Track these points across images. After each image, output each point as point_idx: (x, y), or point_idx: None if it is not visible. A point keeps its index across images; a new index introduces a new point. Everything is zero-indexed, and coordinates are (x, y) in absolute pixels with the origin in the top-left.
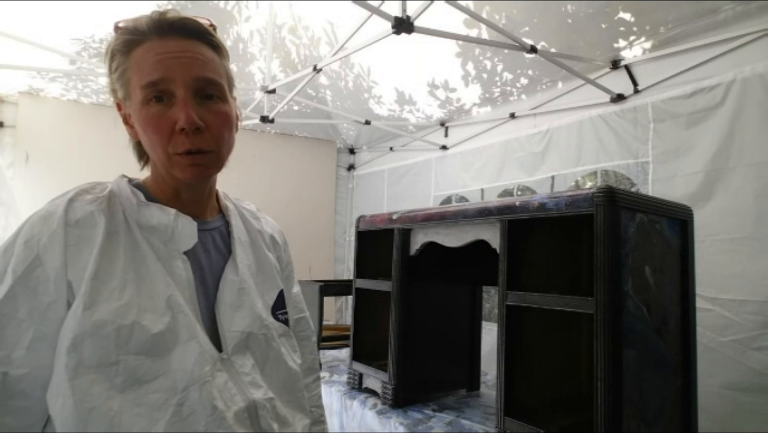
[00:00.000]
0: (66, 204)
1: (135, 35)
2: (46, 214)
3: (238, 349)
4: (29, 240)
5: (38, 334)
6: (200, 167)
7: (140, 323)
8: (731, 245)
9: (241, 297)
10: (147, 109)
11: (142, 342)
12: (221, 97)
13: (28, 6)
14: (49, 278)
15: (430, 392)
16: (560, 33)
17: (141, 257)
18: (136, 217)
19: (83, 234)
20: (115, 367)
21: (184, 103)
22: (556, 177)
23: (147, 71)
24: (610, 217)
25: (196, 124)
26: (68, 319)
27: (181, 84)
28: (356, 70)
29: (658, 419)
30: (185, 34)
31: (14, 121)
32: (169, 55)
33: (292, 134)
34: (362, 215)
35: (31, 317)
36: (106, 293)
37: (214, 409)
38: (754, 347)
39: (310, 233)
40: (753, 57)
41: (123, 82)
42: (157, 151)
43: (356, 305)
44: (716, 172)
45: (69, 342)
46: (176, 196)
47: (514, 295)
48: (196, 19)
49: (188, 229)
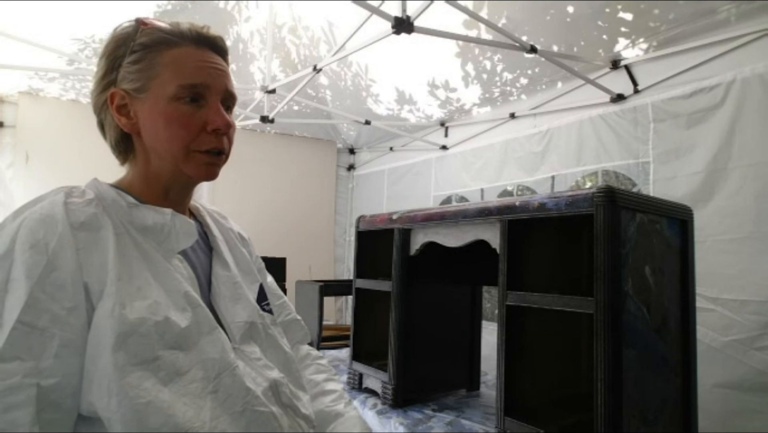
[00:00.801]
0: (63, 207)
1: (174, 36)
2: (43, 217)
3: (244, 338)
4: (35, 244)
5: (63, 341)
6: (215, 167)
7: (170, 318)
8: (732, 245)
9: (236, 290)
10: (176, 106)
11: (174, 337)
12: (232, 109)
13: (27, 6)
14: (66, 282)
15: (430, 392)
16: (560, 33)
17: (149, 258)
18: (128, 219)
19: (90, 236)
20: (156, 362)
21: (218, 108)
22: (557, 177)
23: (190, 72)
24: (610, 217)
25: (229, 127)
26: (102, 320)
27: (215, 92)
28: (354, 69)
29: (658, 419)
30: (216, 50)
31: (14, 121)
32: (209, 64)
33: (292, 134)
34: (362, 215)
35: (54, 324)
36: (134, 292)
37: (247, 390)
38: (755, 346)
39: (310, 232)
40: (753, 57)
41: (145, 75)
42: (174, 146)
43: (356, 305)
44: (717, 172)
45: (113, 341)
46: (165, 196)
47: (514, 295)
48: (223, 38)
49: (186, 228)
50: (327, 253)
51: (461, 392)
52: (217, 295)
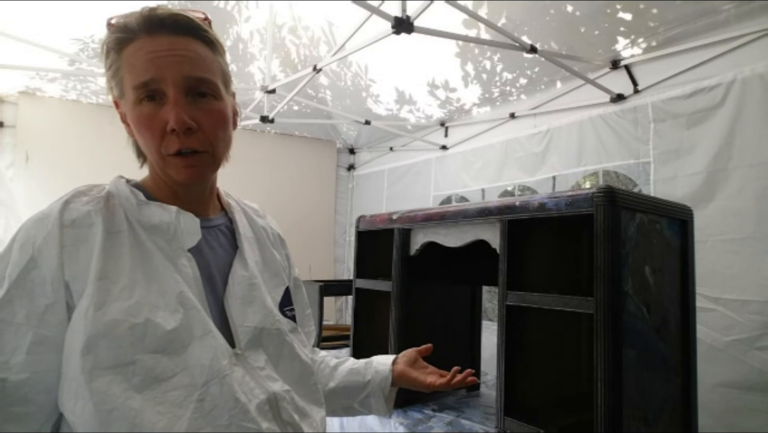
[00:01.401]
0: (62, 206)
1: (125, 33)
2: (41, 216)
3: (251, 344)
4: (24, 243)
5: (37, 338)
6: (195, 168)
7: (153, 320)
8: (733, 246)
9: (251, 292)
10: (139, 109)
11: (157, 340)
12: (215, 95)
13: (27, 6)
14: (45, 280)
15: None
16: (560, 33)
17: (147, 256)
18: (137, 216)
19: (79, 234)
20: (131, 366)
21: (174, 103)
22: (558, 177)
23: (138, 72)
24: (610, 217)
25: (186, 125)
26: (77, 320)
27: (171, 83)
28: (354, 69)
29: (658, 419)
30: (176, 31)
31: (14, 121)
32: (159, 54)
33: (292, 134)
34: (362, 215)
35: (29, 320)
36: (116, 292)
37: (236, 402)
38: (756, 346)
39: (310, 232)
40: (753, 57)
41: (117, 81)
42: (151, 152)
43: (356, 305)
44: (717, 172)
45: (82, 344)
46: (175, 196)
47: (514, 295)
48: (188, 14)
49: (191, 226)
50: (327, 253)
51: (461, 392)
52: (230, 295)
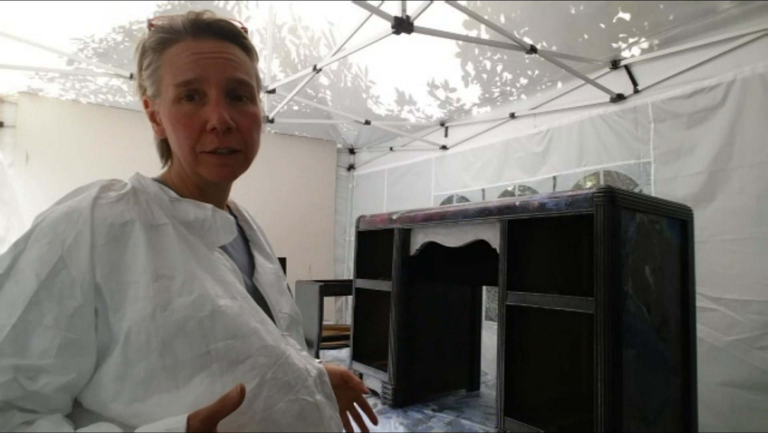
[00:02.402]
0: (92, 202)
1: (170, 34)
2: (69, 211)
3: (288, 328)
4: (53, 240)
5: (65, 341)
6: (228, 167)
7: (219, 310)
8: (734, 246)
9: (280, 283)
10: (178, 107)
11: (226, 327)
12: (250, 98)
13: (27, 6)
14: (74, 282)
15: (430, 392)
16: (560, 33)
17: (194, 248)
18: (171, 212)
19: (112, 233)
20: (208, 356)
21: (217, 103)
22: (558, 178)
23: (181, 70)
24: (610, 217)
25: (227, 124)
26: (143, 322)
27: (214, 84)
28: (354, 69)
29: (658, 419)
30: (219, 36)
31: (14, 121)
32: (204, 55)
33: (292, 134)
34: (362, 215)
35: (58, 323)
36: (176, 289)
37: (302, 378)
38: (757, 346)
39: (310, 232)
40: (753, 57)
41: (154, 80)
42: (184, 149)
43: (356, 305)
44: (718, 172)
45: (159, 345)
46: (201, 194)
47: (514, 295)
48: (231, 21)
49: (227, 224)
50: (327, 253)
51: (461, 392)
52: (265, 284)
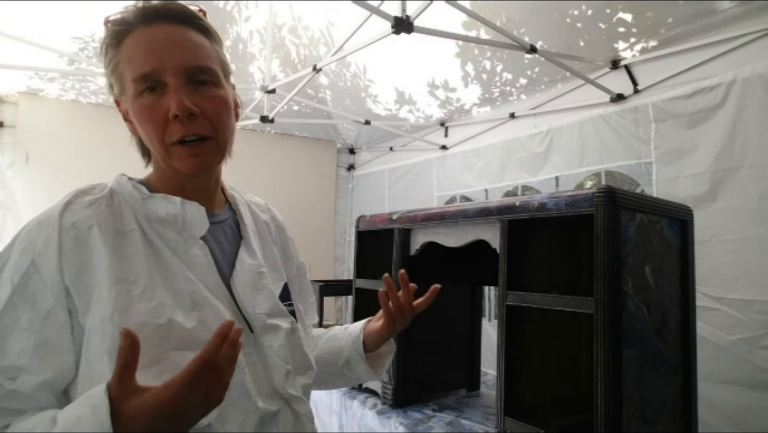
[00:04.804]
0: (62, 208)
1: (122, 25)
2: (42, 219)
3: (264, 330)
4: (26, 247)
5: (40, 341)
6: (199, 157)
7: (175, 320)
8: (736, 245)
9: (260, 280)
10: (140, 101)
11: (180, 338)
12: (215, 82)
13: (27, 6)
14: (45, 284)
15: (430, 392)
16: (560, 33)
17: (158, 255)
18: (144, 212)
19: (79, 236)
20: (159, 364)
21: (175, 90)
22: (561, 178)
23: (138, 64)
24: (610, 217)
25: (188, 110)
26: (100, 325)
27: (170, 72)
28: (354, 69)
29: (658, 419)
30: (172, 20)
31: (14, 121)
32: (159, 44)
33: (292, 134)
34: (362, 215)
35: (32, 324)
36: (137, 294)
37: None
38: (760, 345)
39: (310, 232)
40: (753, 57)
41: (116, 77)
42: (155, 143)
43: (356, 305)
44: (720, 172)
45: (110, 347)
46: (181, 190)
47: (514, 295)
48: (183, 4)
49: (197, 214)
50: (327, 253)
51: (461, 392)
52: (238, 283)
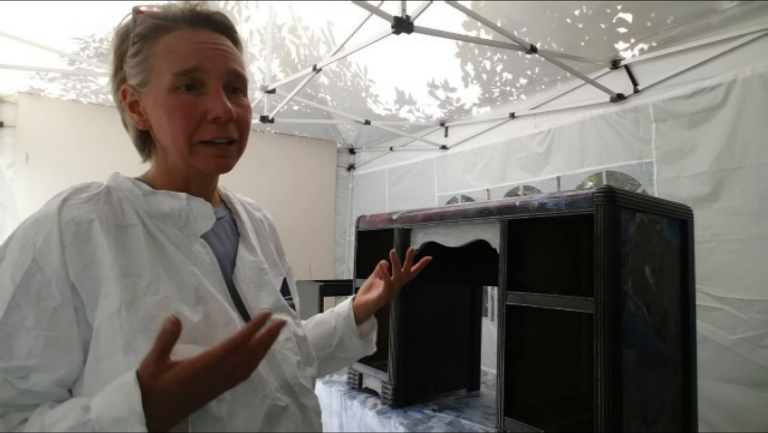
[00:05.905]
0: (60, 204)
1: (166, 21)
2: (39, 216)
3: None
4: (25, 245)
5: (49, 340)
6: (225, 159)
7: (182, 313)
8: (737, 245)
9: (262, 276)
10: (175, 96)
11: (187, 332)
12: (244, 91)
13: (27, 6)
14: (50, 282)
15: (430, 392)
16: (560, 33)
17: (163, 250)
18: (145, 208)
19: (80, 232)
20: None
21: (218, 93)
22: (562, 178)
23: (182, 58)
24: (610, 217)
25: (231, 115)
26: (109, 320)
27: (213, 75)
28: (354, 69)
29: (658, 419)
30: (216, 28)
31: (14, 121)
32: (205, 46)
33: (292, 134)
34: (362, 215)
35: (39, 324)
36: (143, 288)
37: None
38: (762, 344)
39: (309, 232)
40: (753, 57)
41: (144, 67)
42: (179, 139)
43: None
44: (721, 172)
45: (124, 343)
46: (186, 187)
47: (514, 295)
48: (225, 15)
49: (203, 210)
50: (327, 253)
51: (461, 392)
52: (241, 279)
